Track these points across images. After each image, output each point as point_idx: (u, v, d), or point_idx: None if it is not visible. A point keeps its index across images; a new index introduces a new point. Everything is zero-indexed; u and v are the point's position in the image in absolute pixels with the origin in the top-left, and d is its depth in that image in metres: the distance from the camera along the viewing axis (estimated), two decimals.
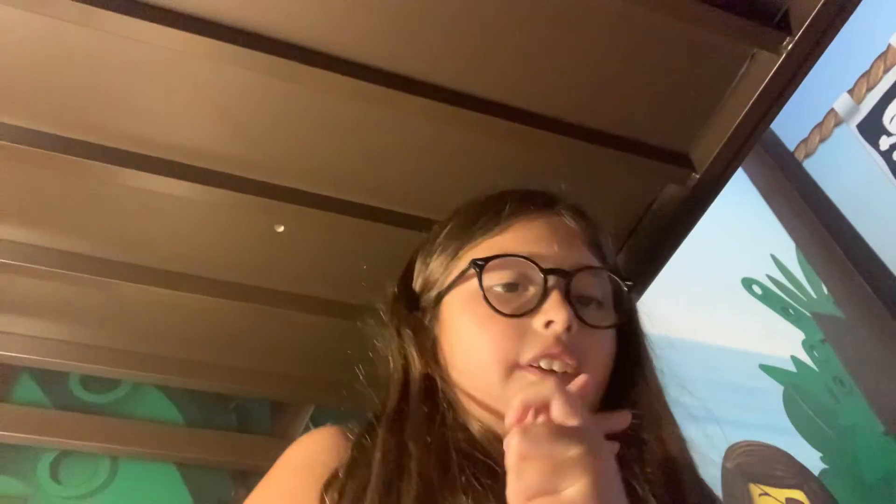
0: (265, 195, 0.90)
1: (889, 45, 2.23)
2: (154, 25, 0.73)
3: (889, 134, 2.25)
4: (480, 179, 0.96)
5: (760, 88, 0.85)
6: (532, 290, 0.62)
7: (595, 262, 0.66)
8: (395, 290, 0.71)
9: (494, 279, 0.62)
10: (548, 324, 0.59)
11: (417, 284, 0.71)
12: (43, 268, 0.94)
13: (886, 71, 2.24)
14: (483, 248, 0.65)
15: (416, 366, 0.63)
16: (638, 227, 1.04)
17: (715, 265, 2.07)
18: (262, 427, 1.24)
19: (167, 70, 0.80)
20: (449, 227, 0.71)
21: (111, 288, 0.97)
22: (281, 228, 0.96)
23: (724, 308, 2.02)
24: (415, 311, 0.68)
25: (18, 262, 0.93)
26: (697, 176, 0.94)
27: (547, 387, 0.49)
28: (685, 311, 1.89)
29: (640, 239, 1.04)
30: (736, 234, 2.22)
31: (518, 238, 0.64)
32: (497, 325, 0.60)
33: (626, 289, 0.66)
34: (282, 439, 1.22)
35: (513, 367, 0.59)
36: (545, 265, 0.61)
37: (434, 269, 0.69)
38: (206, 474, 1.16)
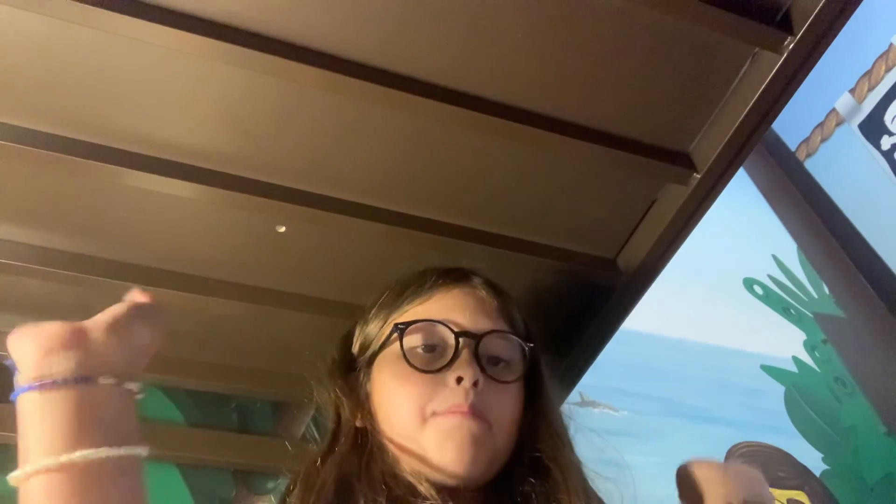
0: (267, 195, 0.90)
1: (891, 45, 2.23)
2: (155, 25, 0.73)
3: (891, 133, 2.25)
4: (480, 180, 0.96)
5: (762, 88, 0.85)
6: (448, 351, 0.72)
7: (503, 327, 0.76)
8: (334, 354, 0.82)
9: (416, 341, 0.73)
10: (458, 379, 0.69)
11: (356, 348, 0.82)
12: (43, 268, 0.94)
13: (888, 70, 2.24)
14: (408, 314, 0.77)
15: (348, 419, 0.74)
16: (639, 227, 1.04)
17: (716, 265, 2.07)
18: (264, 427, 1.24)
19: (168, 70, 0.80)
20: (381, 299, 0.82)
21: (111, 288, 0.97)
22: (282, 229, 0.96)
23: (725, 308, 2.02)
24: (351, 373, 0.79)
25: (19, 263, 0.93)
26: (698, 176, 0.94)
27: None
28: (686, 312, 1.89)
29: (641, 239, 1.04)
30: (737, 234, 2.22)
31: (437, 306, 0.76)
32: (415, 380, 0.71)
33: (527, 349, 0.76)
34: (283, 439, 1.22)
35: (428, 416, 0.69)
36: (457, 329, 0.73)
37: (369, 334, 0.80)
38: (207, 474, 1.17)
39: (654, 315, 1.53)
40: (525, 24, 0.80)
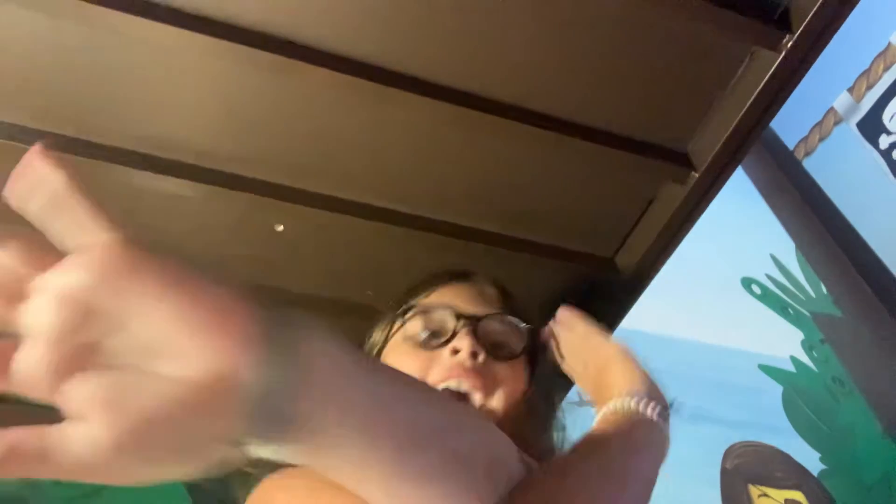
0: (265, 194, 0.90)
1: (889, 44, 2.23)
2: (155, 23, 0.73)
3: (889, 132, 2.25)
4: (478, 178, 0.96)
5: (760, 87, 0.85)
6: (448, 333, 0.73)
7: (503, 313, 0.78)
8: None
9: (418, 327, 0.74)
10: (454, 352, 0.70)
11: (366, 350, 0.83)
12: None
13: (886, 69, 2.25)
14: (413, 308, 0.78)
15: None
16: (637, 225, 1.04)
17: (714, 265, 2.07)
18: None
19: (168, 68, 0.79)
20: (389, 305, 0.83)
21: None
22: (281, 227, 0.96)
23: (723, 308, 2.02)
24: None
25: None
26: (696, 175, 0.94)
27: None
28: (684, 311, 1.89)
29: (638, 238, 1.04)
30: (735, 233, 2.22)
31: (440, 298, 0.78)
32: (414, 357, 0.72)
33: (523, 328, 0.77)
34: None
35: None
36: (457, 312, 0.74)
37: (375, 335, 0.82)
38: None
39: (651, 314, 1.54)
40: (522, 23, 0.80)
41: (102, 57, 0.78)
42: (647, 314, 1.27)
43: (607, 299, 1.11)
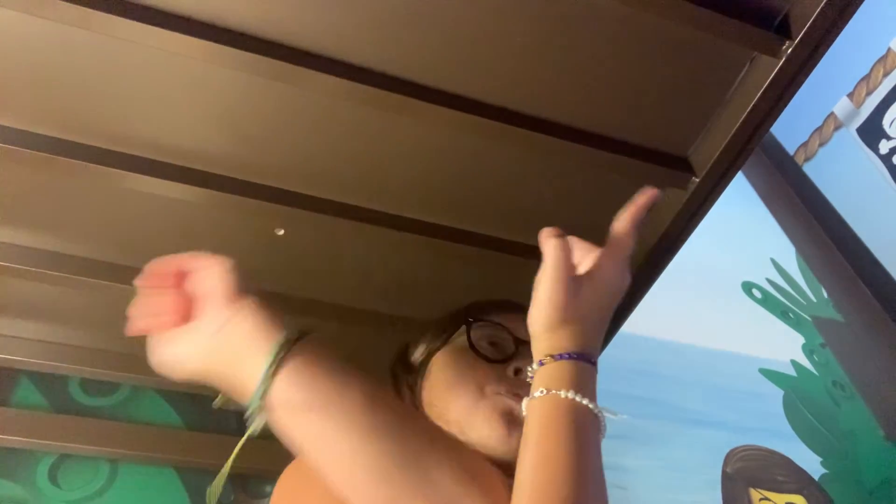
0: (266, 198, 0.90)
1: (889, 49, 2.24)
2: (154, 28, 0.73)
3: (889, 137, 2.26)
4: (478, 183, 0.96)
5: (760, 92, 0.85)
6: (508, 350, 0.80)
7: None
8: (395, 364, 0.90)
9: (480, 336, 0.81)
10: (516, 371, 0.76)
11: (417, 355, 0.87)
12: (43, 271, 0.94)
13: (886, 75, 2.25)
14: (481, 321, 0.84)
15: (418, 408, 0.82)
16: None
17: (715, 269, 2.07)
18: (263, 430, 1.23)
19: (168, 73, 0.80)
20: (443, 318, 0.88)
21: (111, 291, 0.97)
22: (281, 232, 0.96)
23: (723, 312, 2.02)
24: (409, 375, 0.86)
25: (19, 266, 0.93)
26: (697, 180, 0.94)
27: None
28: (685, 316, 1.89)
29: (639, 243, 1.04)
30: (736, 238, 2.23)
31: (500, 320, 0.83)
32: (477, 364, 0.78)
33: None
34: (282, 443, 1.22)
35: (488, 394, 0.75)
36: (516, 336, 0.80)
37: (430, 339, 0.86)
38: (205, 478, 1.16)
39: (653, 319, 1.54)
40: (524, 29, 0.80)
41: (103, 62, 0.78)
42: (648, 319, 1.27)
43: None
